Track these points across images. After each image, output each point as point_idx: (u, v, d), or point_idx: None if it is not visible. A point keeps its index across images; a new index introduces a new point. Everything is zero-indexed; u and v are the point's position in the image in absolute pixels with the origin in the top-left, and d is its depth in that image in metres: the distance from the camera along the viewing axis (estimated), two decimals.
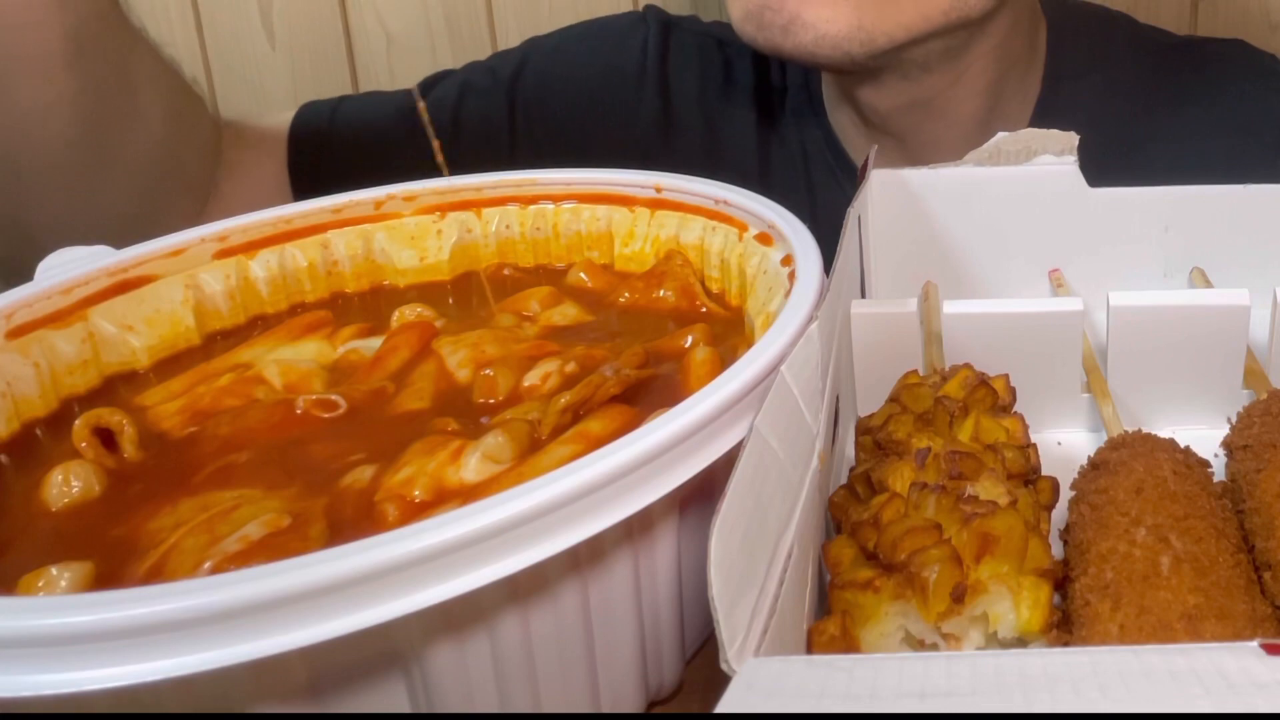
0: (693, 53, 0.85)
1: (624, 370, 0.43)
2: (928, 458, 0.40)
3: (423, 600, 0.30)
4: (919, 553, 0.36)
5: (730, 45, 0.84)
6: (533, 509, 0.31)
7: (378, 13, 1.06)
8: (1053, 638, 0.36)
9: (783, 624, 0.33)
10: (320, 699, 0.32)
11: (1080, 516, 0.40)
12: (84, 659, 0.28)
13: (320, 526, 0.37)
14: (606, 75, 0.84)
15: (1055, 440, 0.51)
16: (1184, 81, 0.80)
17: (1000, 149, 0.57)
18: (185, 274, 0.51)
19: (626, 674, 0.38)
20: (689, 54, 0.85)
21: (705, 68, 0.84)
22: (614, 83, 0.84)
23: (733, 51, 0.84)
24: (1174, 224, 0.58)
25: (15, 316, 0.46)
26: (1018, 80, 0.79)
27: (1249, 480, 0.41)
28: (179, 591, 0.28)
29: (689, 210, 0.53)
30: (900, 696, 0.27)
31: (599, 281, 0.54)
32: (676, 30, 0.86)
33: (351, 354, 0.49)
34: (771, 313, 0.44)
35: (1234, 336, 0.50)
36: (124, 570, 0.36)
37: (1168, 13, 1.03)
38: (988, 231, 0.58)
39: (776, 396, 0.36)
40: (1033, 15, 0.80)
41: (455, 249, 0.56)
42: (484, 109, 0.83)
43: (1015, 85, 0.79)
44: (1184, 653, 0.28)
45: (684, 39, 0.86)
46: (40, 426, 0.46)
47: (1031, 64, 0.80)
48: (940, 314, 0.51)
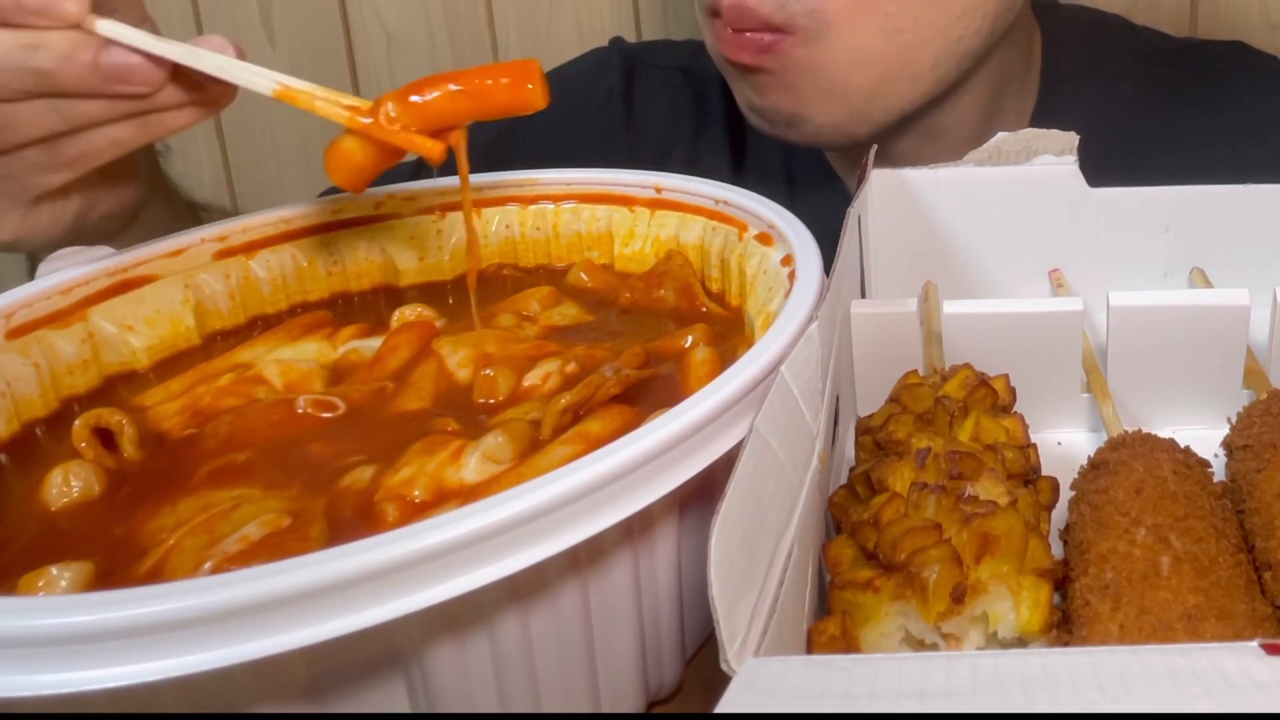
0: (660, 91, 0.84)
1: (624, 370, 0.43)
2: (928, 458, 0.40)
3: (423, 600, 0.30)
4: (919, 553, 0.36)
5: (698, 75, 0.83)
6: (533, 509, 0.31)
7: (378, 12, 1.06)
8: (1053, 638, 0.36)
9: (783, 624, 0.33)
10: (320, 699, 0.32)
11: (1080, 516, 0.40)
12: (84, 659, 0.28)
13: (320, 526, 0.37)
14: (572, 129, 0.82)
15: (1055, 440, 0.51)
16: (1182, 87, 0.79)
17: (1000, 149, 0.57)
18: (185, 274, 0.51)
19: (626, 674, 0.38)
20: (656, 93, 0.84)
21: (674, 104, 0.83)
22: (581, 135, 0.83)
23: (701, 83, 0.83)
24: (1174, 224, 0.58)
25: (15, 316, 0.46)
26: (1014, 94, 0.78)
27: (1249, 480, 0.41)
28: (179, 591, 0.28)
29: (689, 210, 0.54)
30: (900, 696, 0.27)
31: (599, 281, 0.54)
32: (641, 69, 0.85)
33: (352, 354, 0.49)
34: (771, 313, 0.44)
35: (1234, 336, 0.49)
36: (124, 570, 0.36)
37: (1167, 12, 1.02)
38: (988, 231, 0.58)
39: (776, 396, 0.36)
40: (1027, 26, 0.79)
41: (455, 249, 0.56)
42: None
43: (1011, 99, 0.78)
44: (1184, 653, 0.28)
45: (650, 77, 0.84)
46: (40, 426, 0.46)
47: (1027, 75, 0.79)
48: (940, 314, 0.51)
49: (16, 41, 0.41)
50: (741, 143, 0.83)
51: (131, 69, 0.43)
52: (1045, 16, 0.81)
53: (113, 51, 0.42)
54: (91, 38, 0.42)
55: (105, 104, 0.44)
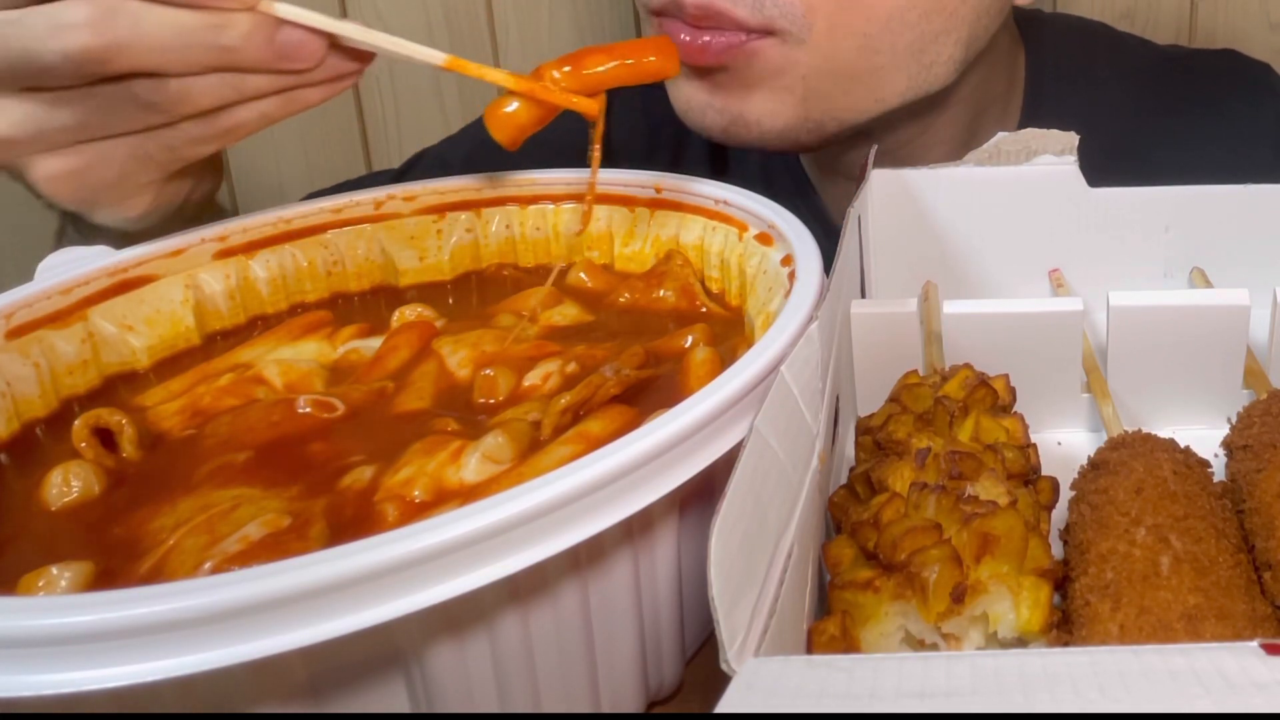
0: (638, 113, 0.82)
1: (624, 371, 0.43)
2: (928, 458, 0.40)
3: (423, 600, 0.30)
4: (919, 553, 0.36)
5: None
6: (533, 509, 0.31)
7: (378, 12, 1.06)
8: (1053, 638, 0.36)
9: (783, 624, 0.33)
10: (320, 699, 0.32)
11: (1080, 516, 0.40)
12: (84, 659, 0.28)
13: (320, 527, 0.37)
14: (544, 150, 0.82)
15: (1055, 440, 0.51)
16: (1172, 100, 0.78)
17: (1000, 149, 0.57)
18: (185, 274, 0.51)
19: (626, 674, 0.38)
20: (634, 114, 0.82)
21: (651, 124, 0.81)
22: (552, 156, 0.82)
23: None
24: (1174, 224, 0.58)
25: (15, 316, 0.46)
26: (995, 118, 0.76)
27: (1249, 480, 0.41)
28: (179, 591, 0.28)
29: (689, 210, 0.54)
30: (900, 696, 0.27)
31: (599, 281, 0.54)
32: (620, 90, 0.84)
33: (351, 354, 0.49)
34: (771, 313, 0.44)
35: (1234, 336, 0.50)
36: (124, 570, 0.36)
37: (1167, 12, 1.02)
38: (988, 231, 0.58)
39: (776, 396, 0.36)
40: (1012, 50, 0.77)
41: (455, 249, 0.56)
42: None
43: (992, 122, 0.76)
44: (1184, 653, 0.28)
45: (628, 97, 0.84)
46: (40, 426, 0.46)
47: (1010, 97, 0.78)
48: (940, 314, 0.51)
49: (206, 22, 0.45)
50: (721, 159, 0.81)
51: (301, 44, 0.47)
52: (1030, 29, 0.80)
53: (286, 30, 0.46)
54: (269, 17, 0.46)
55: (269, 78, 0.47)
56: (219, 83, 0.47)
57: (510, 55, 1.08)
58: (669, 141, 0.82)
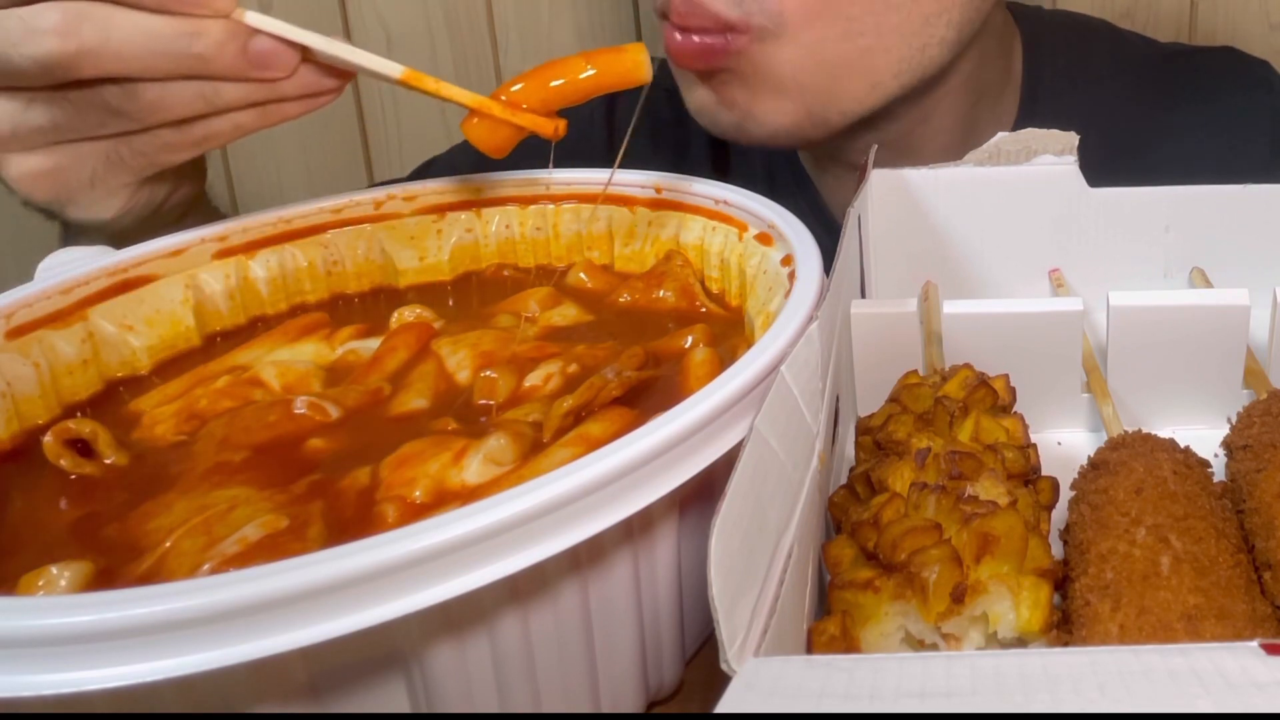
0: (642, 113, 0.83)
1: (625, 372, 0.43)
2: (928, 458, 0.40)
3: (423, 600, 0.30)
4: (919, 553, 0.36)
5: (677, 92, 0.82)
6: (533, 509, 0.31)
7: (378, 12, 1.06)
8: (1053, 638, 0.36)
9: (783, 624, 0.33)
10: (320, 699, 0.32)
11: (1080, 516, 0.40)
12: (84, 659, 0.28)
13: (318, 528, 0.37)
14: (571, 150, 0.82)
15: (1055, 440, 0.51)
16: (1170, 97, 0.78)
17: (1000, 149, 0.57)
18: (185, 274, 0.51)
19: (626, 674, 0.38)
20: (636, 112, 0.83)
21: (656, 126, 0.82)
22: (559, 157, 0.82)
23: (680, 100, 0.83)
24: (1174, 224, 0.58)
25: (15, 316, 0.46)
26: (990, 107, 0.76)
27: (1249, 480, 0.41)
28: (179, 591, 0.28)
29: (689, 210, 0.53)
30: (900, 696, 0.27)
31: (599, 282, 0.54)
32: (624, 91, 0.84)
33: (350, 355, 0.49)
34: (771, 313, 0.44)
35: (1234, 336, 0.49)
36: (123, 570, 0.36)
37: (1167, 11, 1.02)
38: (988, 231, 0.58)
39: (776, 396, 0.36)
40: (1006, 35, 0.77)
41: (455, 249, 0.56)
42: None
43: (989, 112, 0.76)
44: (1184, 653, 0.28)
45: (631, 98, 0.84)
46: (40, 427, 0.45)
47: (1006, 88, 0.78)
48: (940, 314, 0.51)
49: (180, 29, 0.45)
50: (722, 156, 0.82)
51: (275, 54, 0.47)
52: (1026, 23, 0.80)
53: (258, 39, 0.46)
54: (242, 26, 0.46)
55: (243, 89, 0.48)
56: (192, 93, 0.47)
57: (510, 55, 1.08)
58: (671, 141, 0.82)
